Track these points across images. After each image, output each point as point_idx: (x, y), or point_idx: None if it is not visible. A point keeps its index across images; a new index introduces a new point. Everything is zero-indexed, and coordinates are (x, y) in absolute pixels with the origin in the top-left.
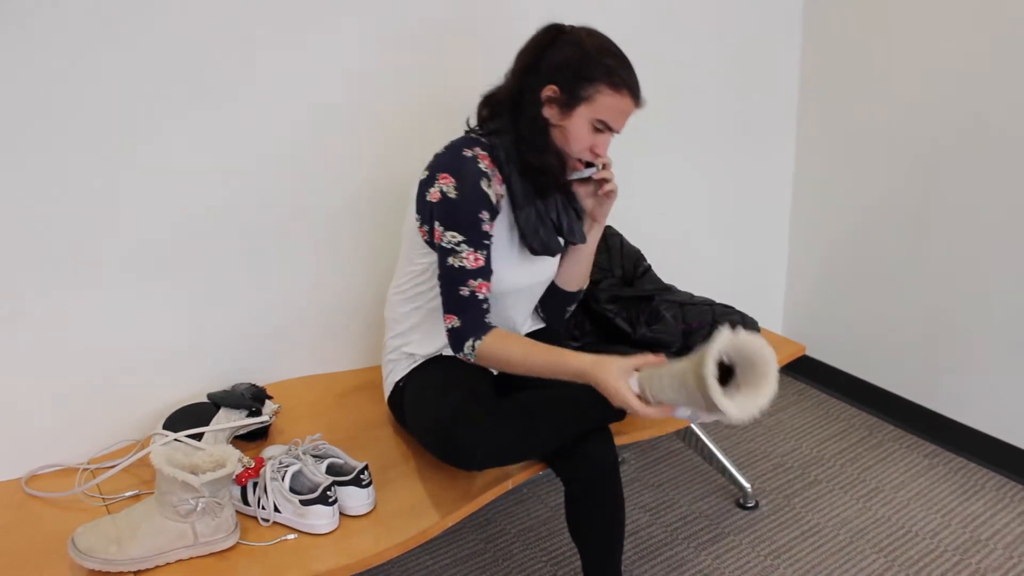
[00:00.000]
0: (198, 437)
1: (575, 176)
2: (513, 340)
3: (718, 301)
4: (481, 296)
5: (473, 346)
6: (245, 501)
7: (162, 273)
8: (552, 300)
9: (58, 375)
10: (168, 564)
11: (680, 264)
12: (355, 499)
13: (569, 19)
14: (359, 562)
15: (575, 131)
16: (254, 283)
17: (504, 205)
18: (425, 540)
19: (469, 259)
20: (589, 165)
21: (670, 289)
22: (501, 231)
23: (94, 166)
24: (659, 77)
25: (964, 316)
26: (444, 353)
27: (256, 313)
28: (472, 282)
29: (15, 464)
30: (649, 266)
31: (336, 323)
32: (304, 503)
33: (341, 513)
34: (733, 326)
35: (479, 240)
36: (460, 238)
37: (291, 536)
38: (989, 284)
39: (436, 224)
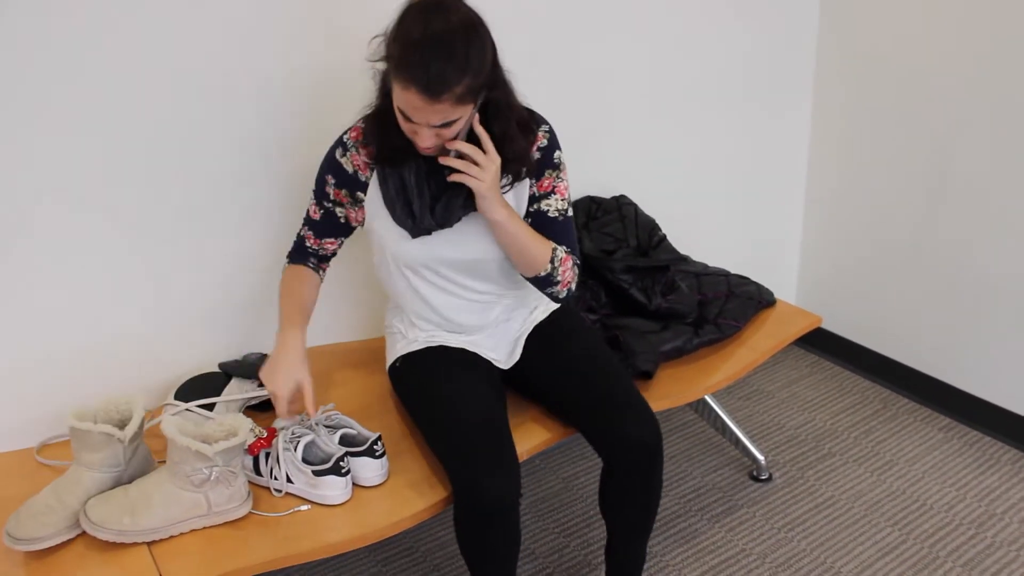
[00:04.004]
0: (209, 407)
1: (441, 161)
2: (292, 287)
3: (733, 271)
4: (308, 244)
5: (285, 264)
6: (257, 471)
7: (172, 240)
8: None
9: (68, 345)
10: (182, 534)
11: (694, 234)
12: (368, 470)
13: None
14: (372, 533)
15: (395, 115)
16: (263, 251)
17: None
18: (438, 511)
19: (311, 209)
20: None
21: (685, 259)
22: (377, 198)
23: (101, 114)
24: (668, 41)
25: (980, 287)
26: (431, 344)
27: (265, 282)
28: (305, 229)
29: (27, 434)
30: (664, 236)
31: (346, 292)
32: (317, 474)
33: (354, 484)
34: (748, 296)
35: (320, 197)
36: (313, 189)
37: (304, 507)
38: (1008, 254)
39: None
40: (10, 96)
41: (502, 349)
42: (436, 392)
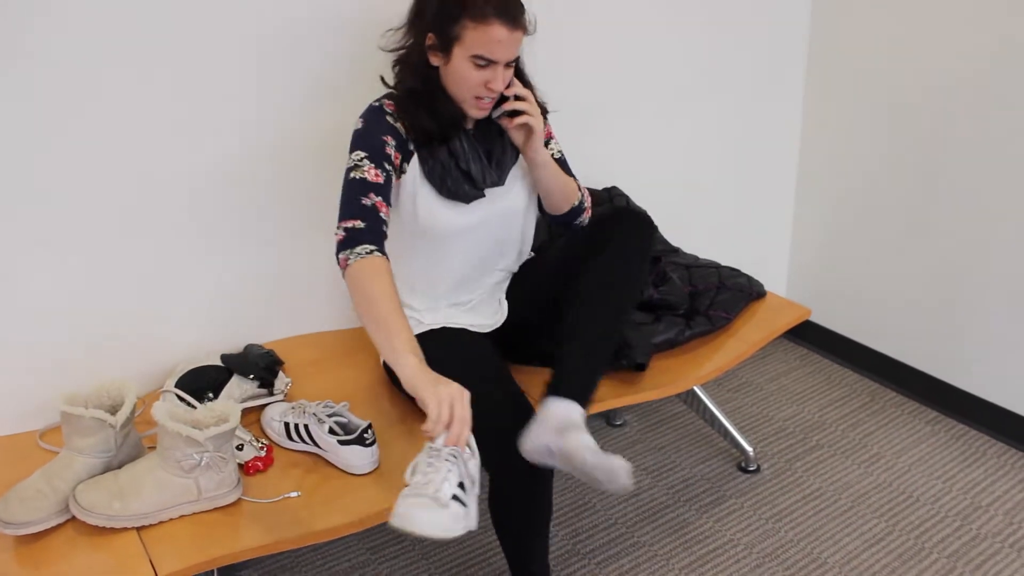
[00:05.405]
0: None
1: (495, 115)
2: (379, 282)
3: (724, 263)
4: (382, 213)
5: (364, 252)
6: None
7: (172, 229)
8: (556, 227)
9: (70, 330)
10: (171, 520)
11: (685, 225)
12: (359, 457)
13: None
14: (361, 520)
15: (458, 73)
16: (263, 242)
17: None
18: None
19: (370, 173)
20: (505, 100)
21: (676, 251)
22: (418, 176)
23: (102, 108)
24: (659, 32)
25: (970, 283)
26: (449, 324)
27: (261, 269)
28: (373, 196)
29: (32, 417)
30: (656, 227)
31: (335, 281)
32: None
33: (345, 472)
34: (739, 288)
35: (380, 158)
36: (363, 155)
37: (294, 493)
38: (996, 250)
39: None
40: (8, 94)
41: (490, 312)
42: (461, 364)
